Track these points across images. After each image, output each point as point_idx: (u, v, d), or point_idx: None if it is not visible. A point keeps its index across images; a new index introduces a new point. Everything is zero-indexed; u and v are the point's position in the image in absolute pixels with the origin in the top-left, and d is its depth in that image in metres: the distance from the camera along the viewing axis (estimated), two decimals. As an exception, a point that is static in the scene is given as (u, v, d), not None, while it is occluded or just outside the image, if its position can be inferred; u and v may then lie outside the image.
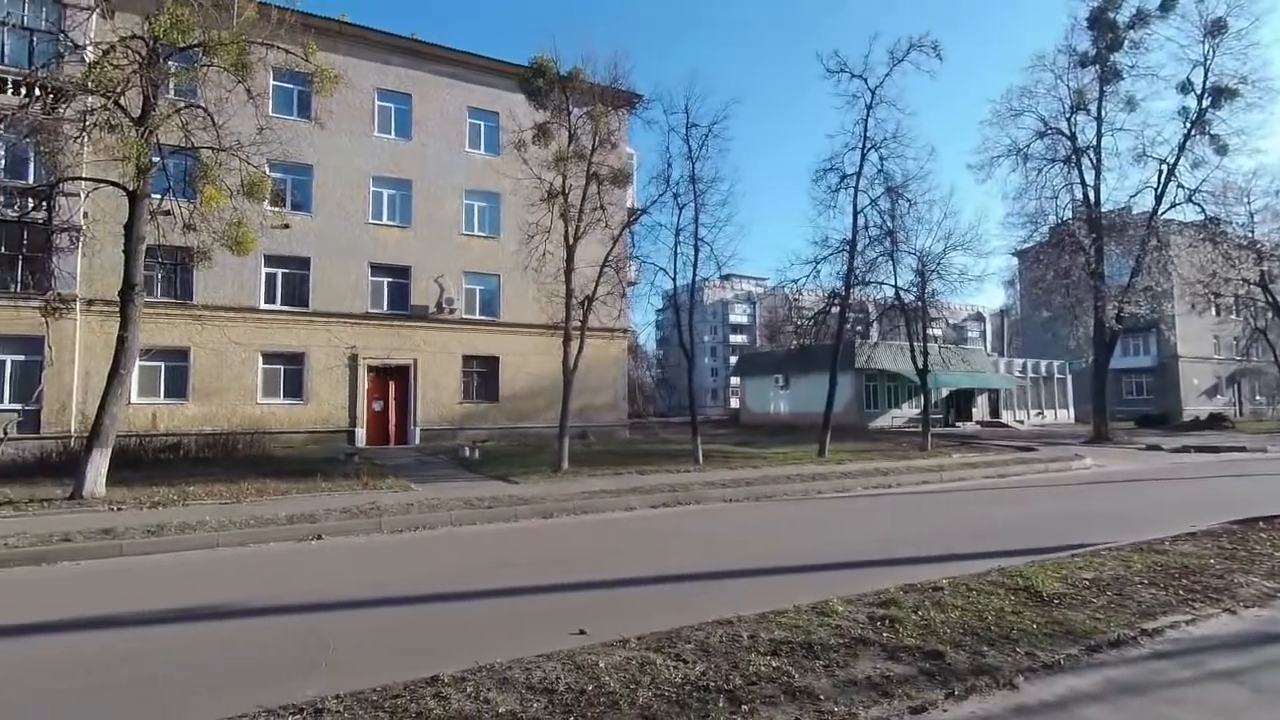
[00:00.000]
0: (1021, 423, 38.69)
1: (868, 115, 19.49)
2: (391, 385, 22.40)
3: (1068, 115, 27.47)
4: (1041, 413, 42.14)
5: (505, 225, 23.91)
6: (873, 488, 13.11)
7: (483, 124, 24.41)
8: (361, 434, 21.51)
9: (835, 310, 21.30)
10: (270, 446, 18.66)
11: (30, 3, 17.64)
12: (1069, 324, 29.29)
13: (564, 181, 15.14)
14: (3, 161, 17.08)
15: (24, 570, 6.98)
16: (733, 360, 66.51)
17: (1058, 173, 27.90)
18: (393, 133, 23.01)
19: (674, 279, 17.66)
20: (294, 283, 21.22)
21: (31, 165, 16.98)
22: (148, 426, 18.07)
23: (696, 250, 17.14)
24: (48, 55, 16.42)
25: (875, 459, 17.38)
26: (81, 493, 10.44)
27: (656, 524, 9.66)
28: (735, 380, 58.79)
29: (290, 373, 20.96)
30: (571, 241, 15.18)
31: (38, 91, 13.00)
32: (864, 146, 19.61)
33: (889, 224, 20.35)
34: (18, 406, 17.47)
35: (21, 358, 17.66)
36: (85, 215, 17.08)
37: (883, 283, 21.29)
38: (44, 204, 14.36)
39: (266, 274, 20.73)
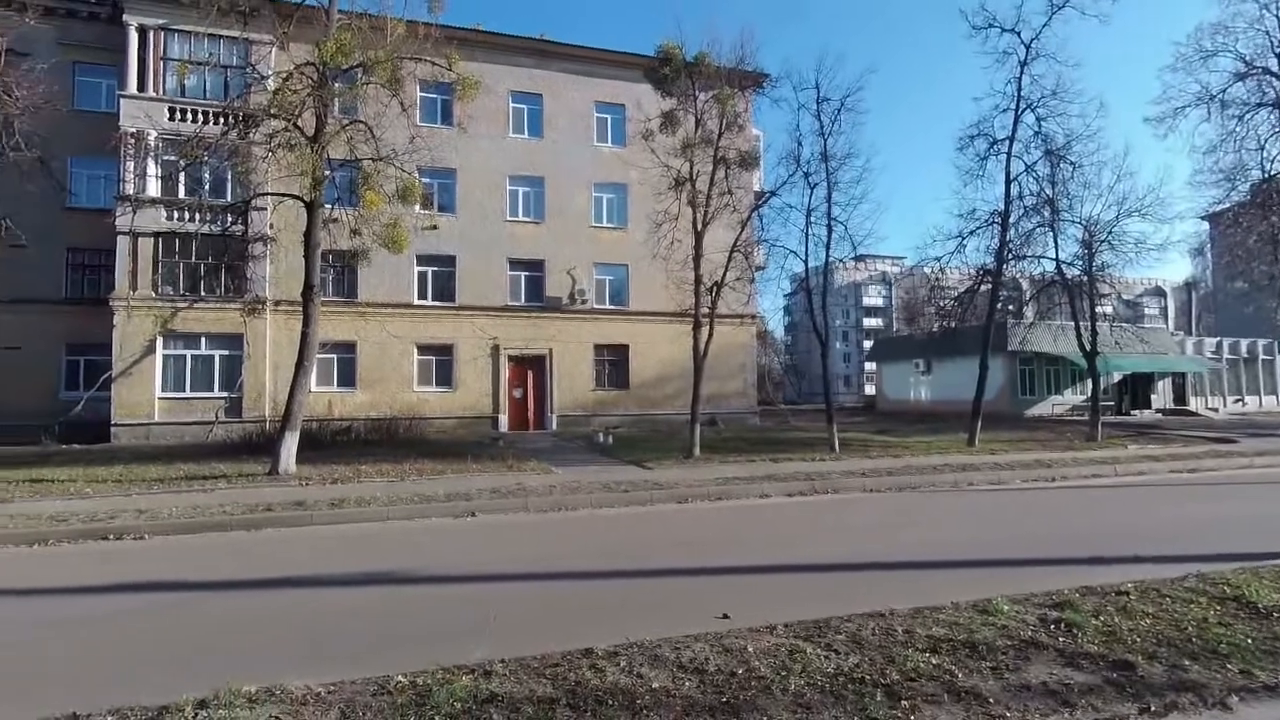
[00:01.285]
0: (1215, 410, 33.78)
1: (1021, 72, 17.68)
2: (529, 374, 23.60)
3: (1277, 51, 23.37)
4: (1242, 399, 36.51)
5: (633, 215, 24.33)
6: (1032, 480, 12.03)
7: (610, 117, 24.92)
8: (504, 420, 22.88)
9: (985, 288, 19.65)
10: (426, 430, 20.33)
11: (225, 43, 20.23)
12: (1276, 296, 25.09)
13: (691, 168, 15.11)
14: (208, 184, 19.81)
15: (239, 534, 8.13)
16: (867, 345, 63.52)
17: (1264, 119, 23.83)
18: (526, 132, 24.09)
19: (805, 261, 17.11)
20: (443, 279, 22.91)
21: (229, 185, 19.55)
22: (325, 412, 20.31)
23: (830, 231, 16.50)
24: (239, 88, 18.80)
25: (1034, 449, 15.91)
26: (277, 469, 11.96)
27: (793, 512, 9.47)
28: (870, 366, 56.19)
29: (441, 363, 22.69)
30: (699, 228, 15.14)
31: (233, 120, 14.94)
32: (1017, 107, 17.83)
33: (1048, 191, 18.42)
34: (225, 394, 20.30)
35: (226, 353, 20.45)
36: (272, 226, 19.43)
37: (1041, 256, 19.31)
38: (240, 218, 16.46)
39: (419, 272, 22.53)
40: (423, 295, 22.74)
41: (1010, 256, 18.77)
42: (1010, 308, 28.16)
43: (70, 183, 20.53)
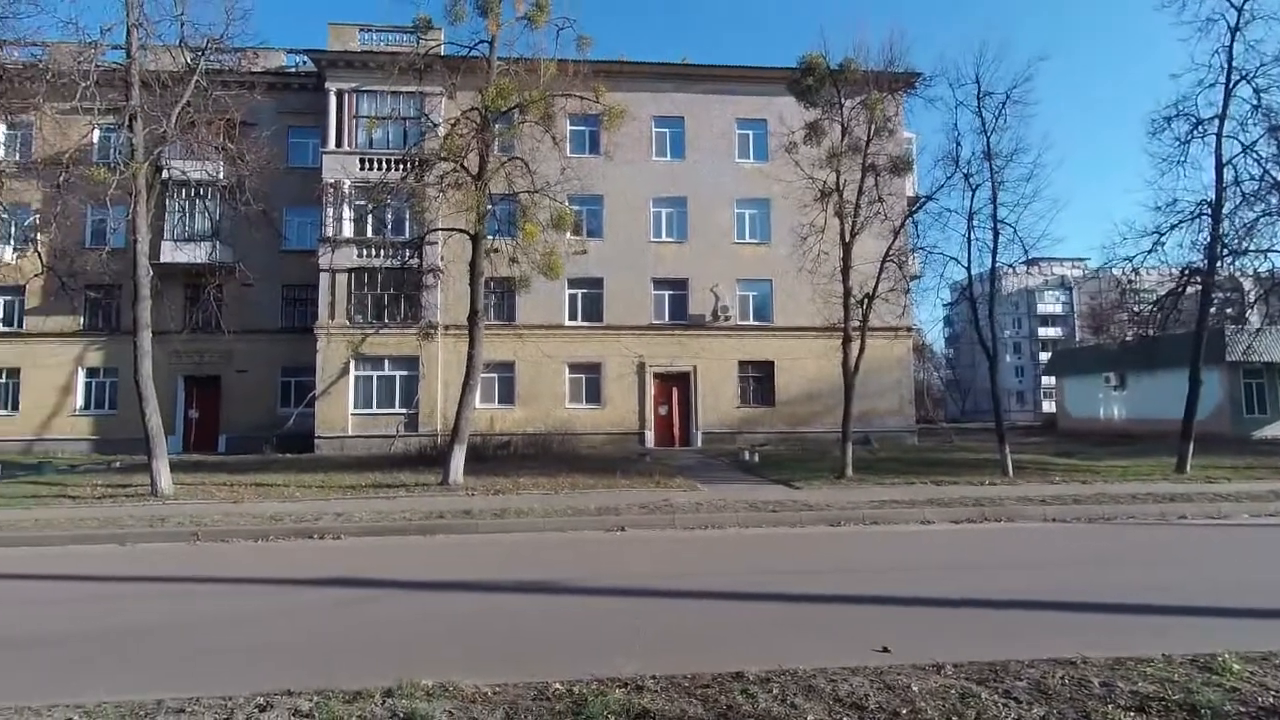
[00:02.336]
0: None
1: (1232, 39, 15.19)
2: (674, 391, 23.88)
3: None
4: None
5: (776, 230, 23.99)
6: (1267, 515, 10.13)
7: (751, 133, 24.84)
8: (650, 436, 23.31)
9: (1192, 290, 17.00)
10: (577, 446, 21.24)
11: (404, 98, 22.78)
12: None
13: (838, 178, 14.62)
14: (390, 223, 22.30)
15: (416, 538, 8.95)
16: (1043, 357, 57.36)
17: None
18: (668, 155, 24.66)
19: (967, 268, 15.83)
20: (591, 301, 23.95)
21: (407, 223, 21.86)
22: (487, 427, 21.89)
23: (995, 234, 15.15)
24: (415, 136, 21.06)
25: (1268, 478, 13.43)
26: (447, 480, 13.05)
27: (960, 540, 8.71)
28: (1048, 380, 50.66)
29: (590, 380, 23.65)
30: (848, 239, 14.57)
31: (410, 165, 16.71)
32: (1228, 80, 15.33)
33: (1275, 175, 15.62)
34: (404, 411, 22.56)
35: (405, 373, 22.76)
36: (442, 258, 21.41)
37: (1269, 250, 16.40)
38: (416, 253, 18.33)
39: (569, 294, 23.73)
40: (573, 316, 23.90)
41: (1225, 252, 16.11)
42: (1229, 311, 24.08)
43: (284, 229, 24.00)
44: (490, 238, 14.61)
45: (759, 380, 24.27)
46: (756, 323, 24.47)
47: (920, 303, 35.79)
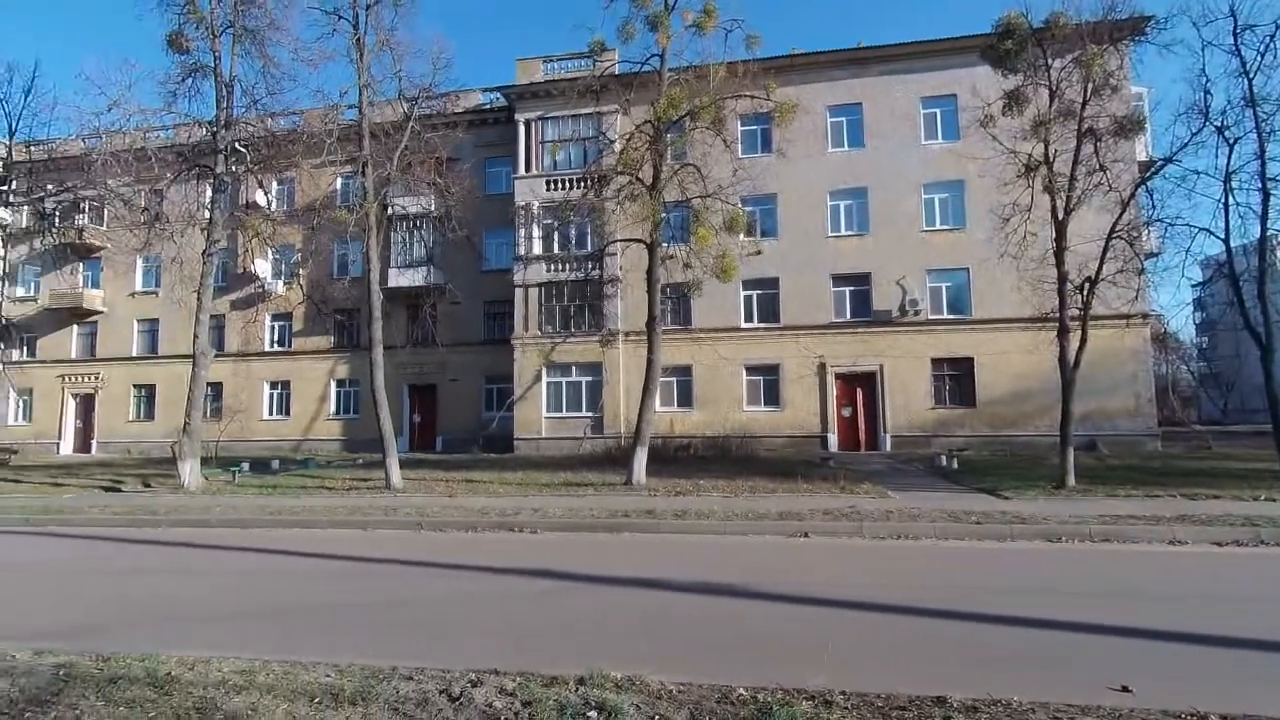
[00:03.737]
0: None
1: None
2: (859, 391, 22.68)
3: None
4: None
5: (971, 213, 21.90)
6: None
7: (938, 111, 22.91)
8: (833, 439, 22.34)
9: None
10: (756, 449, 20.98)
11: (582, 120, 24.21)
12: None
13: (1046, 149, 12.92)
14: (573, 239, 23.79)
15: (603, 535, 9.42)
16: (1340, 344, 45.90)
17: None
18: (845, 144, 23.53)
19: (1224, 240, 13.22)
20: (767, 301, 23.55)
21: (588, 237, 23.18)
22: (667, 430, 22.40)
23: (1265, 196, 12.48)
24: (594, 155, 22.29)
25: None
26: (630, 481, 13.57)
27: (1223, 566, 7.25)
28: (1348, 372, 40.54)
29: (768, 383, 23.24)
30: (1061, 216, 12.83)
31: (590, 182, 17.70)
32: None
33: None
34: (590, 414, 23.88)
35: (590, 379, 24.08)
36: (621, 268, 22.36)
37: None
38: (597, 264, 19.38)
39: (744, 296, 23.55)
40: (749, 318, 23.67)
41: None
42: None
43: (484, 251, 26.58)
44: (665, 245, 14.99)
45: (956, 378, 22.21)
46: (951, 316, 22.43)
47: (1160, 285, 30.50)
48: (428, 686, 3.91)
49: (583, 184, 22.95)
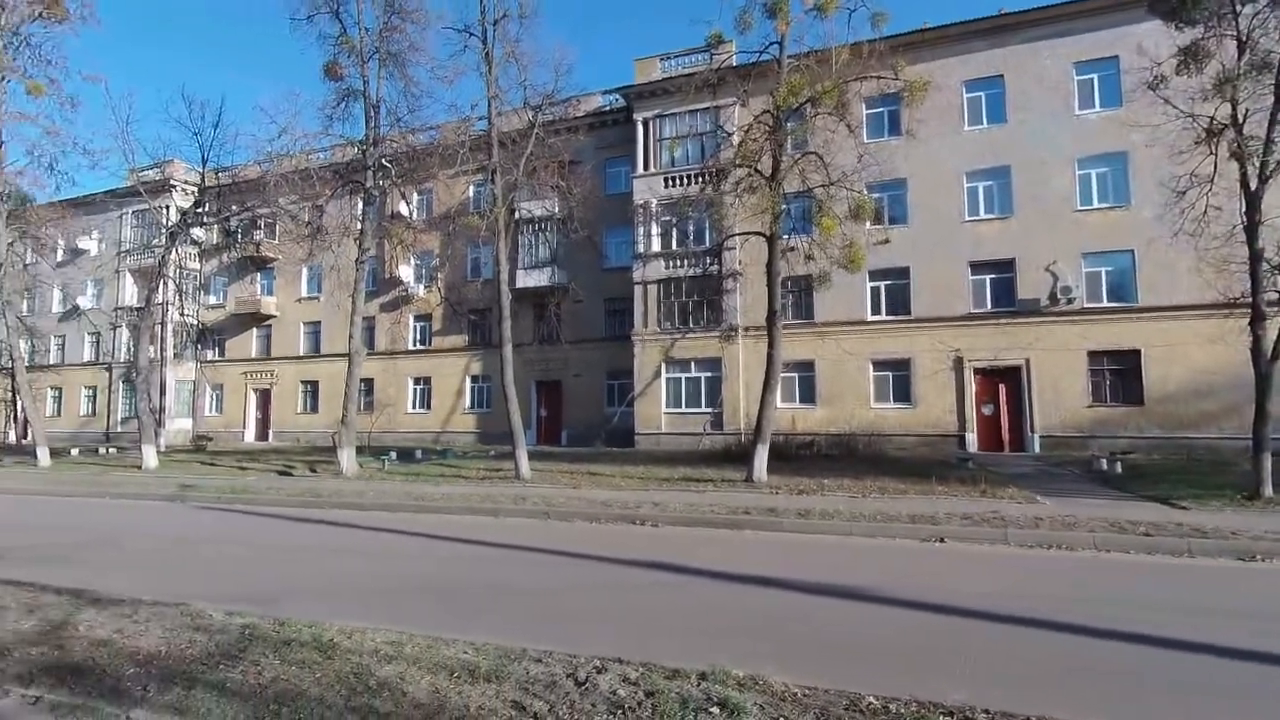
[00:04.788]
0: None
1: None
2: (1001, 388, 20.94)
3: None
4: None
5: (1137, 188, 19.54)
6: None
7: (1095, 76, 20.60)
8: (972, 439, 20.80)
9: None
10: (884, 448, 19.96)
11: (699, 115, 24.13)
12: None
13: (1234, 109, 11.22)
14: (691, 234, 23.79)
15: (724, 531, 9.35)
16: None
17: None
18: (984, 121, 21.77)
19: None
20: (895, 292, 22.31)
21: (706, 232, 23.09)
22: (788, 427, 21.85)
23: None
24: (711, 149, 22.17)
25: None
26: (751, 478, 13.37)
27: None
28: None
29: (898, 378, 22.02)
30: (1255, 185, 11.08)
31: (708, 177, 17.61)
32: None
33: None
34: (709, 410, 23.80)
35: (709, 374, 23.99)
36: (740, 262, 22.08)
37: None
38: (716, 259, 19.27)
39: (871, 288, 22.44)
40: (876, 310, 22.54)
41: None
42: None
43: (604, 250, 27.21)
44: (785, 237, 14.59)
45: (1118, 373, 19.89)
46: (1112, 303, 20.11)
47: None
48: (555, 670, 4.06)
49: (700, 179, 22.90)
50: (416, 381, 30.95)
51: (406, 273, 30.24)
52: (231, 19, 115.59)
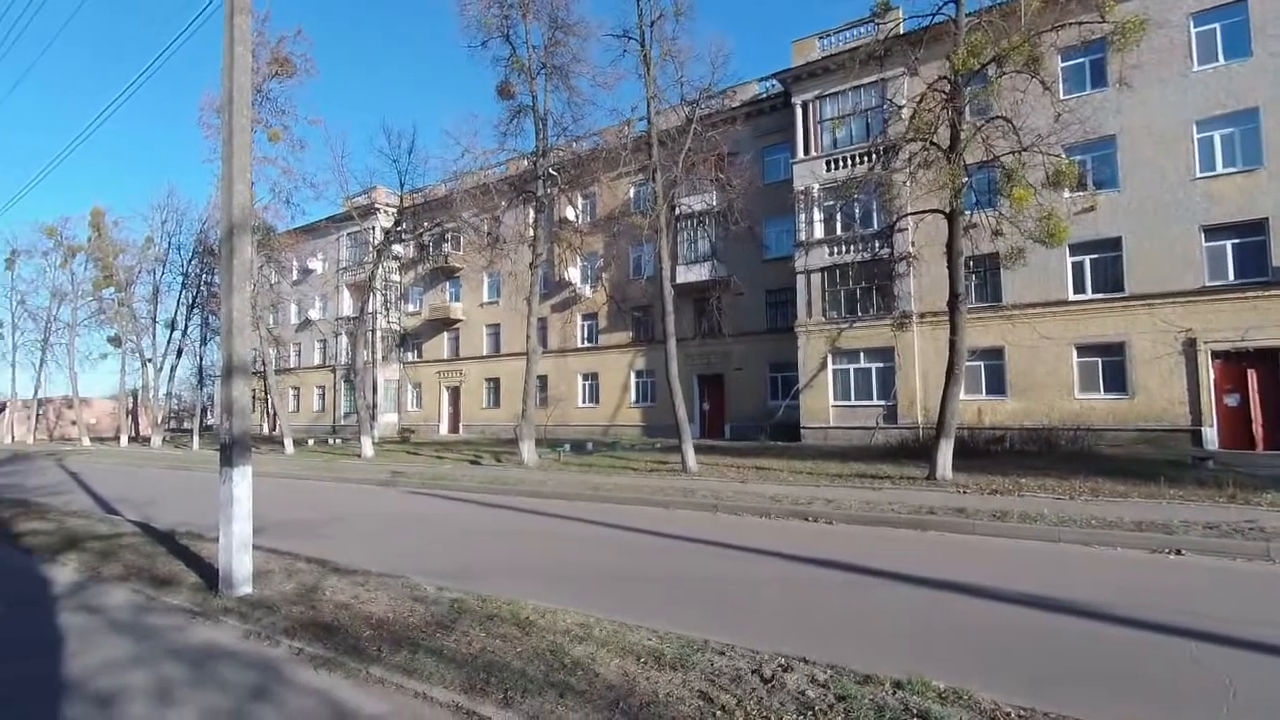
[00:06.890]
0: None
1: None
2: (1251, 374, 17.55)
3: None
4: None
5: None
6: None
7: (1382, -18, 16.51)
8: (1210, 434, 17.65)
9: None
10: (1093, 444, 17.60)
11: (864, 91, 22.78)
12: None
13: None
14: (858, 218, 22.57)
15: (906, 532, 8.76)
16: None
17: None
18: (1219, 58, 18.30)
19: None
20: (1104, 266, 19.51)
21: (875, 214, 21.77)
22: (974, 420, 20.00)
23: None
24: (878, 126, 20.85)
25: None
26: (934, 475, 12.41)
27: None
28: None
29: (1108, 364, 19.28)
30: None
31: (876, 155, 16.58)
32: None
33: None
34: (881, 403, 22.47)
35: (880, 365, 22.64)
36: (913, 244, 20.59)
37: None
38: (886, 242, 18.13)
39: (1073, 263, 19.83)
40: (1079, 289, 19.87)
41: None
42: None
43: (764, 240, 26.69)
44: (968, 213, 13.33)
45: None
46: None
47: None
48: (739, 664, 4.04)
49: (866, 158, 21.63)
50: (585, 377, 32.52)
51: (574, 274, 31.84)
52: (420, 52, 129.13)
